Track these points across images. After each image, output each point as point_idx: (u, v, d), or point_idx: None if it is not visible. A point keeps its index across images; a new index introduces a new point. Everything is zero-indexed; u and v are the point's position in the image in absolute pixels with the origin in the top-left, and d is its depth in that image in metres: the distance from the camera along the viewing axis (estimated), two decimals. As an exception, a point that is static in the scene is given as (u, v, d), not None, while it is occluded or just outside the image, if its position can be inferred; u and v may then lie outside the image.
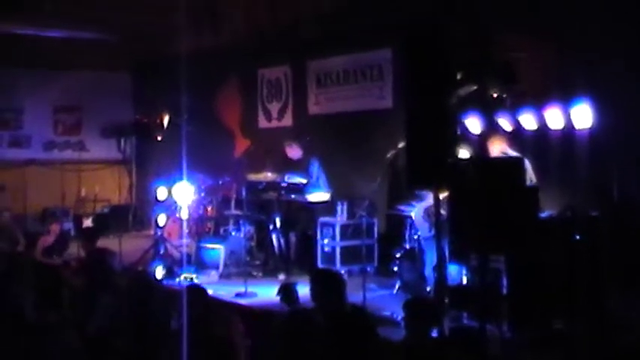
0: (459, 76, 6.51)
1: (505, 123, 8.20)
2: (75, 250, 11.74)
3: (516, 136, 8.05)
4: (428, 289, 8.02)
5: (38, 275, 9.56)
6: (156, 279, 9.86)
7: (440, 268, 6.39)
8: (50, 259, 11.53)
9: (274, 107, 13.48)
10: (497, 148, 7.47)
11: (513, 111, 8.09)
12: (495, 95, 7.71)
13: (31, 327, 6.03)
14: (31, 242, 11.90)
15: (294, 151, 10.61)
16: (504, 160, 6.45)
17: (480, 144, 6.59)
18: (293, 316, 6.20)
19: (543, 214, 6.83)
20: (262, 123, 13.77)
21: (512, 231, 5.69)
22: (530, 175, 7.23)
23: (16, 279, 8.20)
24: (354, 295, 7.96)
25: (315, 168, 10.37)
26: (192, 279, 9.75)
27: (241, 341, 5.98)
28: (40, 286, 8.73)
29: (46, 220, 13.61)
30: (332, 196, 10.35)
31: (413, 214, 8.61)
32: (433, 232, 7.99)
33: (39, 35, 13.42)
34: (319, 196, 10.28)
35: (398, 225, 9.58)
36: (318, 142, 10.81)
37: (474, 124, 8.07)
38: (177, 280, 9.79)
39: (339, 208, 10.08)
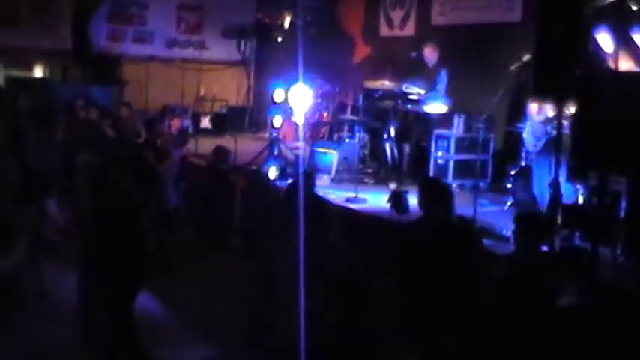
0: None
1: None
2: (193, 146, 12.12)
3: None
4: (541, 208, 7.82)
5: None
6: (269, 179, 10.04)
7: (555, 185, 6.20)
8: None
9: (397, 15, 13.20)
10: (626, 65, 7.05)
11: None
12: (635, 8, 7.24)
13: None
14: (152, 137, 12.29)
15: (431, 54, 10.32)
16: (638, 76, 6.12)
17: (611, 59, 6.23)
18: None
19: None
20: (384, 31, 13.53)
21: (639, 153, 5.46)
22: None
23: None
24: (465, 209, 7.88)
25: (444, 77, 10.13)
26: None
27: None
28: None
29: (166, 116, 14.00)
30: (449, 109, 10.14)
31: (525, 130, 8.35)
32: (540, 148, 7.77)
33: None
34: (437, 107, 10.08)
35: (515, 142, 9.36)
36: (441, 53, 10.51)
37: (606, 39, 7.64)
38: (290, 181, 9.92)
39: (455, 121, 9.87)
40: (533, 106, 7.89)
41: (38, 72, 14.99)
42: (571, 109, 6.23)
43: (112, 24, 15.69)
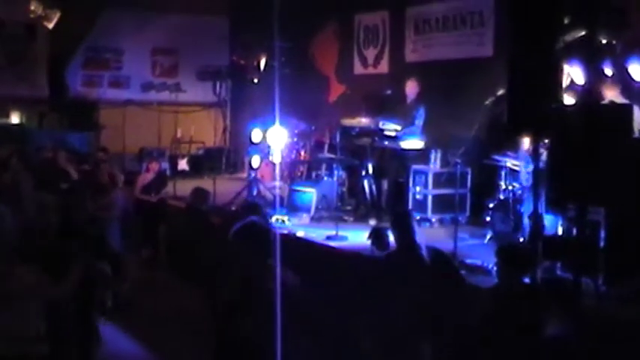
0: (566, 21, 6.26)
1: (611, 72, 7.89)
2: (171, 189, 12.09)
3: (624, 87, 7.74)
4: (520, 240, 7.88)
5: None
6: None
7: (536, 216, 6.26)
8: (148, 196, 11.89)
9: (370, 53, 13.36)
10: (609, 95, 7.18)
11: (622, 59, 7.75)
12: (604, 42, 7.40)
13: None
14: (130, 180, 12.27)
15: (412, 88, 10.41)
16: (612, 108, 6.23)
17: (587, 91, 6.34)
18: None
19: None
20: (358, 69, 13.69)
21: (615, 182, 5.54)
22: (639, 126, 6.94)
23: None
24: (445, 243, 7.93)
25: (422, 113, 10.23)
26: (283, 221, 9.87)
27: None
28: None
29: (143, 159, 13.98)
30: (426, 144, 10.23)
31: (512, 163, 8.44)
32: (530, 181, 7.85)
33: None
34: (414, 143, 10.19)
35: (492, 175, 9.42)
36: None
37: (577, 72, 7.78)
38: (270, 221, 9.92)
39: (432, 155, 9.97)
40: (524, 140, 7.99)
41: (15, 119, 14.95)
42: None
43: (88, 70, 15.76)
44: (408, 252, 6.01)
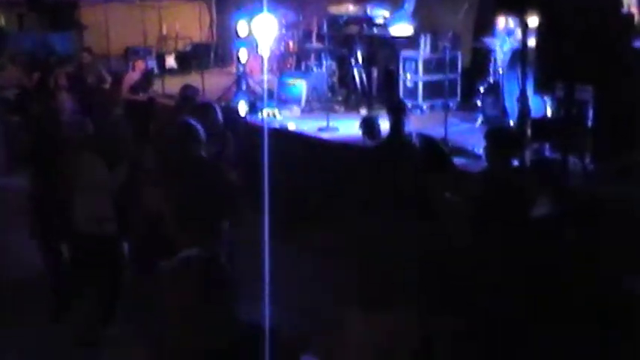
0: None
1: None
2: (159, 87, 11.98)
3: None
4: (511, 123, 7.88)
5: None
6: (239, 114, 9.97)
7: (523, 98, 6.23)
8: (136, 95, 11.79)
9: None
10: None
11: None
12: None
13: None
14: (117, 80, 12.13)
15: None
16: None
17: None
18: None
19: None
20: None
21: (604, 59, 5.48)
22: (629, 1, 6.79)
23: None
24: (436, 129, 7.93)
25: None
26: (274, 115, 9.82)
27: None
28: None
29: (129, 59, 13.77)
30: (415, 30, 10.05)
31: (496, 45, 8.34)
32: (508, 62, 7.79)
33: None
34: (403, 29, 9.98)
35: (482, 58, 9.34)
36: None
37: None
38: (260, 115, 9.88)
39: (421, 41, 9.81)
40: (500, 20, 7.87)
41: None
42: (535, 21, 6.21)
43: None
44: (398, 140, 6.02)
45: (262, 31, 10.70)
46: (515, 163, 5.81)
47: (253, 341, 2.52)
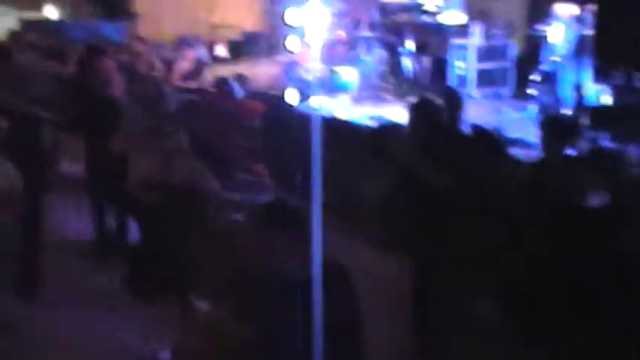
0: None
1: None
2: (209, 76, 12.00)
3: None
4: (565, 111, 7.70)
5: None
6: (289, 104, 9.94)
7: (581, 86, 6.08)
8: (187, 84, 11.82)
9: None
10: None
11: None
12: None
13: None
14: (168, 69, 12.17)
15: None
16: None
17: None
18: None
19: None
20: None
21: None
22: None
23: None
24: (489, 118, 7.80)
25: None
26: (324, 104, 9.78)
27: None
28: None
29: (180, 47, 13.83)
30: (466, 17, 9.91)
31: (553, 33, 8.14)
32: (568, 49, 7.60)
33: None
34: (454, 16, 9.85)
35: (535, 46, 9.15)
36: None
37: None
38: (310, 104, 9.84)
39: (473, 29, 9.66)
40: (559, 7, 7.67)
41: (48, 11, 14.83)
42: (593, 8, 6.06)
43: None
44: (454, 131, 5.91)
45: (312, 20, 10.69)
46: (572, 152, 5.66)
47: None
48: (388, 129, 7.57)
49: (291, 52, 10.79)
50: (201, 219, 5.23)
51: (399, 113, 8.81)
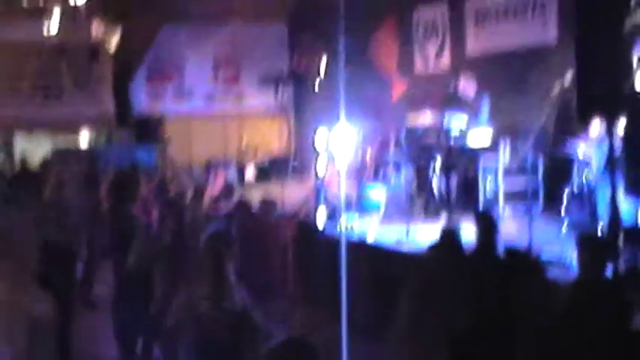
0: (632, 2, 6.02)
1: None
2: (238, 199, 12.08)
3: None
4: (598, 229, 7.61)
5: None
6: (317, 227, 9.96)
7: (614, 203, 6.02)
8: (217, 207, 11.90)
9: (431, 48, 13.16)
10: None
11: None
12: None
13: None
14: (198, 193, 12.30)
15: (469, 86, 10.18)
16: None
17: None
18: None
19: None
20: (419, 65, 13.50)
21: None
22: None
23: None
24: (519, 237, 7.71)
25: (486, 102, 9.97)
26: (352, 226, 9.76)
27: None
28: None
29: (211, 171, 14.04)
30: (494, 135, 9.97)
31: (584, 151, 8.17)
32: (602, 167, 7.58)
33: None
34: (481, 133, 9.88)
35: (564, 164, 9.14)
36: (479, 82, 10.40)
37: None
38: (339, 226, 9.82)
39: (501, 146, 9.71)
40: (594, 125, 7.72)
41: (83, 139, 15.26)
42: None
43: (151, 84, 15.97)
44: (486, 253, 5.85)
45: (340, 142, 10.83)
46: (610, 271, 5.56)
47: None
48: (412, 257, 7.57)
49: (320, 174, 10.87)
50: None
51: (427, 233, 8.76)
